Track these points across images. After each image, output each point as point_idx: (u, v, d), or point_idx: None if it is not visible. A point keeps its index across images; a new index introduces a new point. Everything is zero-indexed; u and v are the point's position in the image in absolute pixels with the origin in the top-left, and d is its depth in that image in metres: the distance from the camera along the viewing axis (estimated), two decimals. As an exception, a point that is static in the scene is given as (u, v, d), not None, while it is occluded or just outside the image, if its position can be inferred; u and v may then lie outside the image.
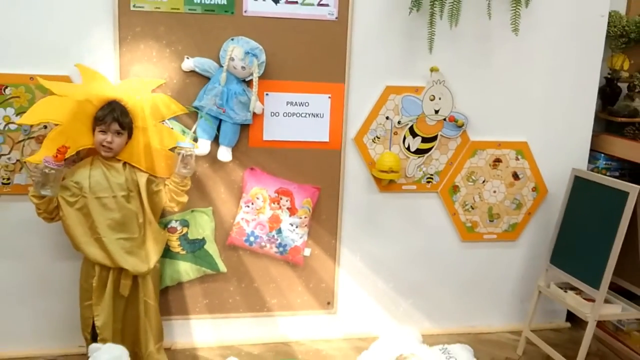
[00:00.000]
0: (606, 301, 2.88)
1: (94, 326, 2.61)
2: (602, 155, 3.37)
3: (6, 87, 2.65)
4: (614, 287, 3.03)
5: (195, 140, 2.77)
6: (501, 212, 3.30)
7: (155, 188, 2.64)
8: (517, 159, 3.24)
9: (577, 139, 3.29)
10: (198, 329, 3.07)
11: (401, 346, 2.64)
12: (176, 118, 2.77)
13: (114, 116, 2.51)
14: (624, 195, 2.71)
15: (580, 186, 3.04)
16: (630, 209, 2.68)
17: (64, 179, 2.49)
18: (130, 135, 2.59)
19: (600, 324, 3.34)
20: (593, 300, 2.80)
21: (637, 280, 2.84)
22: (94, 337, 2.63)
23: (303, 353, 3.07)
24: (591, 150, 3.36)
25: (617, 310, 2.87)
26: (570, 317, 3.51)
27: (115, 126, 2.51)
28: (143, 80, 2.75)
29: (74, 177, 2.51)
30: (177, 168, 2.61)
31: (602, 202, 2.84)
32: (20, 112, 2.65)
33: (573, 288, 3.01)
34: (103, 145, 2.51)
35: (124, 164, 2.59)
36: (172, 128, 2.75)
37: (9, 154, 2.71)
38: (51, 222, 2.56)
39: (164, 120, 2.73)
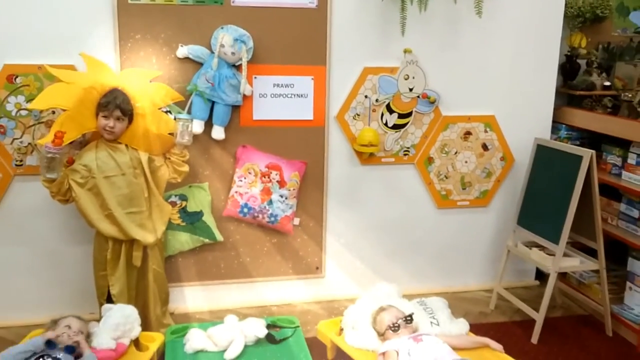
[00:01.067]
0: (567, 256, 3.21)
1: (108, 294, 2.89)
2: (564, 126, 3.68)
3: (16, 77, 2.90)
4: (576, 246, 3.36)
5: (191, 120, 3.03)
6: (473, 180, 3.60)
7: (157, 164, 2.90)
8: (485, 131, 3.54)
9: (540, 112, 3.59)
10: (196, 295, 3.35)
11: (382, 300, 2.94)
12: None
13: (116, 103, 2.74)
14: (579, 159, 3.02)
15: (542, 154, 3.34)
16: (584, 171, 2.99)
17: (71, 164, 2.75)
18: (130, 121, 2.84)
19: (565, 280, 3.67)
20: (554, 255, 3.12)
21: (593, 236, 3.16)
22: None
23: (295, 314, 3.35)
24: (554, 121, 3.66)
25: (575, 262, 3.20)
26: (539, 275, 3.83)
27: (117, 112, 2.75)
28: (142, 71, 2.99)
29: (81, 161, 2.76)
30: (177, 139, 2.87)
31: (561, 166, 3.15)
32: (30, 99, 2.90)
33: (538, 246, 3.32)
34: (105, 129, 2.76)
35: (126, 144, 2.85)
36: (168, 111, 3.00)
37: (20, 137, 2.96)
38: (66, 204, 2.81)
39: (162, 107, 2.98)
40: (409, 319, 2.73)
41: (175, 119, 2.89)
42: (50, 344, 2.40)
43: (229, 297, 3.38)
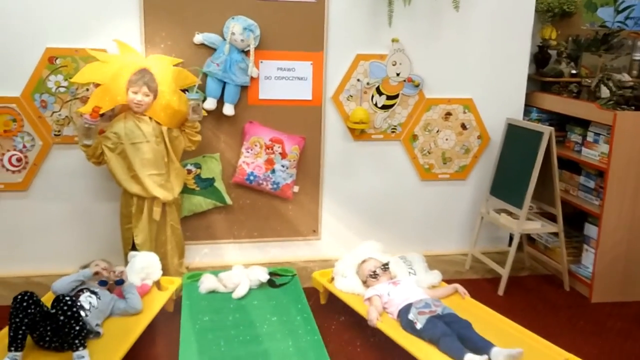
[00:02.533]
0: (531, 220, 3.69)
1: (133, 245, 3.38)
2: (535, 109, 4.14)
3: (56, 58, 3.37)
4: (545, 216, 3.82)
5: (205, 98, 3.50)
6: (452, 156, 4.05)
7: (175, 134, 3.37)
8: (464, 112, 3.99)
9: (513, 96, 4.02)
10: (208, 251, 3.80)
11: (365, 254, 3.42)
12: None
13: (144, 80, 3.22)
14: (541, 135, 3.49)
15: (511, 132, 3.81)
16: (544, 145, 3.46)
17: (103, 132, 3.24)
18: (155, 97, 3.31)
19: (533, 245, 4.13)
20: (519, 218, 3.59)
21: (553, 203, 3.63)
22: (132, 254, 3.40)
23: (294, 270, 3.83)
24: (526, 105, 4.10)
25: (537, 225, 3.67)
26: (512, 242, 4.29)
27: (145, 89, 3.23)
28: (166, 57, 3.44)
29: (112, 129, 3.24)
30: (189, 115, 3.34)
31: (526, 142, 3.62)
32: (67, 78, 3.37)
33: (507, 212, 3.79)
34: (134, 103, 3.24)
35: (150, 117, 3.33)
36: (185, 90, 3.45)
37: (59, 111, 3.43)
38: (99, 166, 3.30)
39: (182, 88, 3.41)
40: (385, 266, 3.22)
41: (188, 99, 3.36)
42: (102, 282, 2.93)
43: (236, 254, 3.83)
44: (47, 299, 2.86)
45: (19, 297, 2.53)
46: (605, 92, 3.65)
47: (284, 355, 2.65)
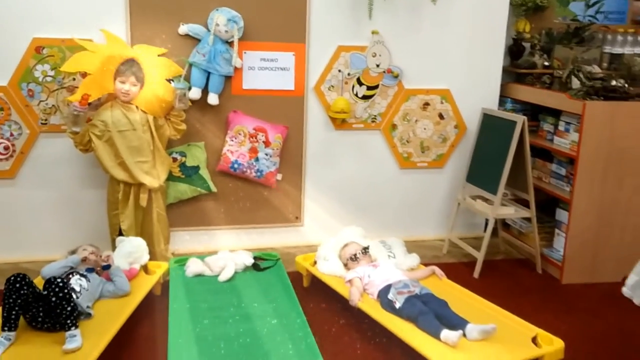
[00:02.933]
0: (505, 206, 3.84)
1: (119, 231, 3.46)
2: (509, 99, 4.28)
3: (43, 48, 3.43)
4: (521, 202, 3.97)
5: (190, 88, 3.58)
6: (430, 145, 4.19)
7: (160, 123, 3.46)
8: (442, 102, 4.12)
9: (489, 87, 4.18)
10: (193, 238, 3.91)
11: (347, 238, 3.54)
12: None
13: (132, 71, 3.31)
14: (514, 124, 3.63)
15: (486, 121, 3.95)
16: (517, 134, 3.60)
17: (90, 120, 3.31)
18: (142, 87, 3.39)
19: (508, 231, 4.29)
20: (494, 204, 3.74)
21: (526, 189, 3.78)
22: (119, 239, 3.48)
23: (277, 255, 3.94)
24: (501, 95, 4.25)
25: (511, 211, 3.82)
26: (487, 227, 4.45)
27: (132, 79, 3.31)
28: (152, 48, 3.51)
29: (100, 117, 3.32)
30: (175, 104, 3.42)
31: (500, 131, 3.76)
32: (55, 68, 3.44)
33: (482, 198, 3.94)
34: (122, 92, 3.31)
35: (136, 106, 3.41)
36: (171, 80, 3.53)
37: (46, 100, 3.49)
38: (86, 153, 3.38)
39: (167, 78, 3.49)
40: (366, 250, 3.35)
41: (174, 89, 3.43)
42: (89, 270, 3.01)
43: (221, 241, 3.93)
44: (36, 283, 2.93)
45: (12, 278, 2.60)
46: (575, 83, 3.81)
47: (270, 334, 2.76)
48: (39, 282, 2.89)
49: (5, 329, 2.56)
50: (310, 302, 3.33)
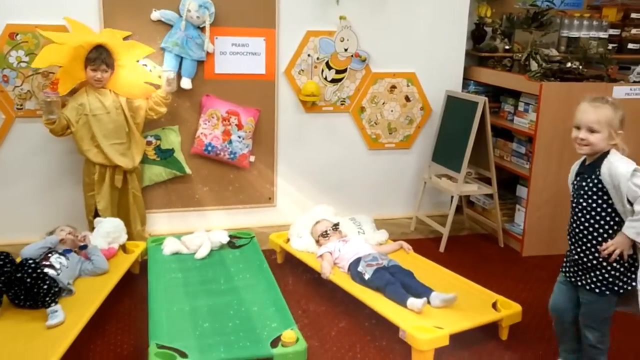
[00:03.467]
0: (469, 184, 4.03)
1: (95, 212, 3.55)
2: (472, 82, 4.47)
3: (17, 34, 3.48)
4: (480, 179, 4.17)
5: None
6: (397, 126, 4.34)
7: (136, 104, 3.55)
8: (408, 85, 4.27)
9: (453, 70, 4.33)
10: (169, 220, 3.99)
11: (318, 216, 3.69)
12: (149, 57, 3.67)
13: (101, 58, 3.39)
14: (475, 104, 3.81)
15: (450, 102, 4.13)
16: (479, 114, 3.79)
17: (64, 106, 3.39)
18: (113, 71, 3.48)
19: (472, 208, 4.49)
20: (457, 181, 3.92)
21: (488, 167, 3.98)
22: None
23: (251, 235, 4.07)
24: (465, 78, 4.42)
25: (474, 188, 4.02)
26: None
27: (103, 66, 3.39)
28: (116, 31, 3.56)
29: (76, 101, 3.41)
30: (163, 87, 3.52)
31: (463, 112, 3.94)
32: (29, 54, 3.49)
33: (447, 177, 4.12)
34: (94, 80, 3.40)
35: (110, 90, 3.49)
36: (145, 65, 3.64)
37: (21, 85, 3.55)
38: (62, 137, 3.45)
39: (138, 60, 3.61)
40: (336, 226, 3.50)
41: (163, 72, 3.56)
42: (67, 251, 3.09)
43: (196, 221, 4.03)
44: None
45: None
46: (534, 65, 4.00)
47: (246, 306, 2.89)
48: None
49: None
50: (284, 277, 3.48)
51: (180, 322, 2.74)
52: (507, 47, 4.48)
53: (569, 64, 3.97)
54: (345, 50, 4.06)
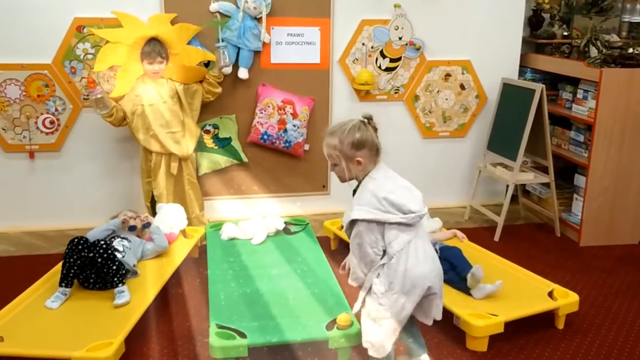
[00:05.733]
0: (525, 172, 3.98)
1: (152, 198, 3.68)
2: (529, 69, 4.40)
3: (84, 27, 3.64)
4: (536, 167, 4.12)
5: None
6: (452, 115, 4.32)
7: (192, 89, 3.67)
8: (462, 73, 4.25)
9: (509, 57, 4.28)
10: (226, 206, 4.10)
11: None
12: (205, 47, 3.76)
13: (156, 50, 3.51)
14: (532, 92, 3.76)
15: (506, 90, 4.08)
16: (536, 102, 3.73)
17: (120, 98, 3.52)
18: (168, 60, 3.59)
19: (528, 197, 4.44)
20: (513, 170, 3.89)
21: (545, 155, 3.92)
22: (152, 206, 3.70)
23: (306, 222, 4.14)
24: (521, 66, 4.36)
25: (530, 176, 3.97)
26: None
27: (158, 58, 3.52)
28: (163, 16, 3.65)
29: (134, 92, 3.53)
30: (219, 63, 3.62)
31: (519, 99, 3.89)
32: (95, 46, 3.65)
33: (502, 165, 4.08)
34: (152, 73, 3.52)
35: (167, 79, 3.61)
36: (198, 47, 3.73)
37: (87, 76, 3.71)
38: (119, 127, 3.59)
39: (188, 42, 3.67)
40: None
41: (216, 47, 3.64)
42: (131, 228, 3.24)
43: (252, 209, 4.13)
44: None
45: (75, 240, 2.85)
46: (593, 51, 3.91)
47: (301, 290, 2.96)
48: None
49: (63, 284, 2.82)
50: (338, 263, 3.51)
51: (238, 304, 2.82)
52: (565, 33, 4.38)
53: (630, 50, 3.86)
54: (400, 38, 4.06)
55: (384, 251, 2.30)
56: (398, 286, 2.27)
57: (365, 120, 2.36)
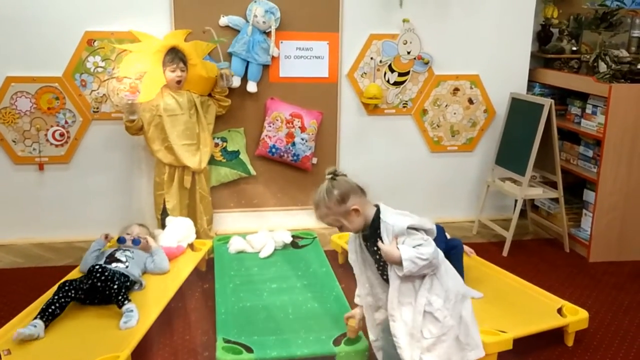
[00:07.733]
0: (533, 187, 3.96)
1: (164, 210, 3.69)
2: (538, 84, 4.39)
3: (94, 41, 3.67)
4: (545, 182, 4.10)
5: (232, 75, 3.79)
6: (460, 129, 4.32)
7: (207, 103, 3.71)
8: (471, 88, 4.25)
9: (518, 72, 4.28)
10: (234, 219, 4.10)
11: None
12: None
13: (179, 57, 3.54)
14: (541, 107, 3.76)
15: (515, 105, 4.07)
16: (545, 117, 3.73)
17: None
18: (187, 71, 3.60)
19: (537, 212, 4.41)
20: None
21: (554, 170, 3.90)
22: (163, 218, 3.70)
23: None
24: (530, 81, 4.36)
25: (539, 191, 3.96)
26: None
27: (181, 64, 3.54)
28: (178, 32, 3.70)
29: (151, 103, 3.56)
30: (219, 82, 3.65)
31: (528, 114, 3.88)
32: (105, 59, 3.68)
33: (511, 180, 4.07)
34: (175, 80, 3.54)
35: (185, 90, 3.62)
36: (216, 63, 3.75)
37: (97, 89, 3.74)
38: (136, 136, 3.62)
39: (204, 56, 3.71)
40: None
41: (218, 68, 3.67)
42: (120, 239, 3.23)
43: (259, 222, 4.12)
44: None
45: (62, 284, 2.80)
46: (602, 66, 3.90)
47: (308, 304, 2.96)
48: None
49: (38, 317, 2.64)
50: (345, 277, 3.51)
51: (245, 319, 2.82)
52: (574, 48, 4.38)
53: (639, 65, 3.85)
54: (408, 53, 4.07)
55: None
56: (453, 294, 2.25)
57: (332, 176, 2.34)
